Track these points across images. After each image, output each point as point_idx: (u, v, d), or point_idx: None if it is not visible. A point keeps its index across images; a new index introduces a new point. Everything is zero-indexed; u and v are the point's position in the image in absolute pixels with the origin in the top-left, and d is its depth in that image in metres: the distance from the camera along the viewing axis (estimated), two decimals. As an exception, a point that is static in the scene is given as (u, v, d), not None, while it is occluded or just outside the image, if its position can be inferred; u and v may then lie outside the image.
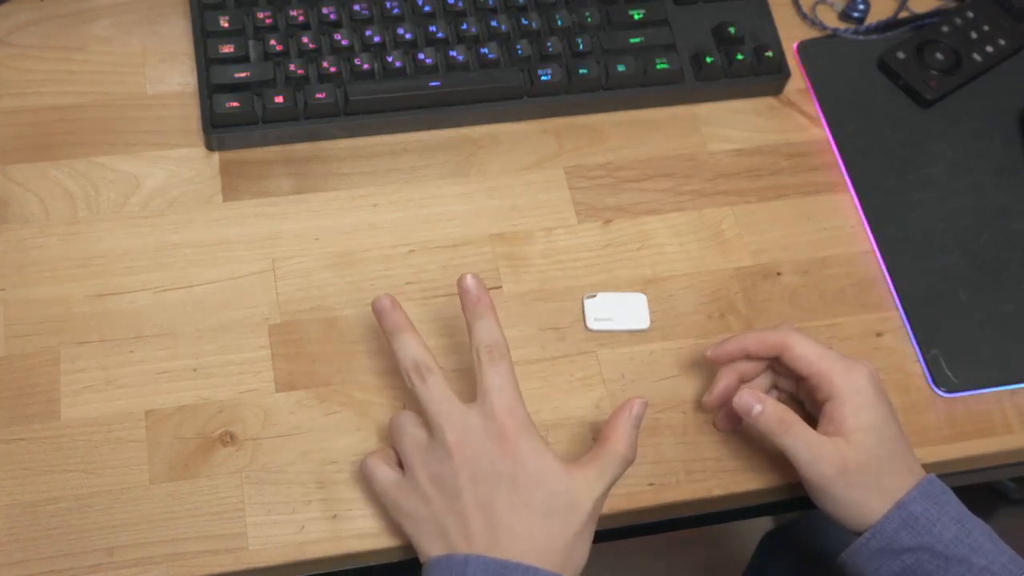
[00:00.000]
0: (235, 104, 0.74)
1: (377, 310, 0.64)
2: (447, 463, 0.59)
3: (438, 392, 0.61)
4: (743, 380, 0.68)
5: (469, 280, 0.63)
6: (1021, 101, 0.84)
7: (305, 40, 0.77)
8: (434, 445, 0.60)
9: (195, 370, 0.68)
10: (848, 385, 0.63)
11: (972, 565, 0.60)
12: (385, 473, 0.62)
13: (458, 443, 0.60)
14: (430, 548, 0.60)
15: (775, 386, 0.70)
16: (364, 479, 0.63)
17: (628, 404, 0.63)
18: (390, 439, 0.64)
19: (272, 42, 0.76)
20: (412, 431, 0.62)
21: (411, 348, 0.63)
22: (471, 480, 0.59)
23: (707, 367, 0.71)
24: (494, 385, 0.61)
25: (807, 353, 0.64)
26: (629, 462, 0.62)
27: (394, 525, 0.64)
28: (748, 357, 0.67)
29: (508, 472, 0.59)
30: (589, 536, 0.61)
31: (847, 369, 0.63)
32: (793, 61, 0.84)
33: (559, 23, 0.80)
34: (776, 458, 0.68)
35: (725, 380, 0.67)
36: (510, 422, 0.60)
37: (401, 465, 0.63)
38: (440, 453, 0.60)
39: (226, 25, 0.76)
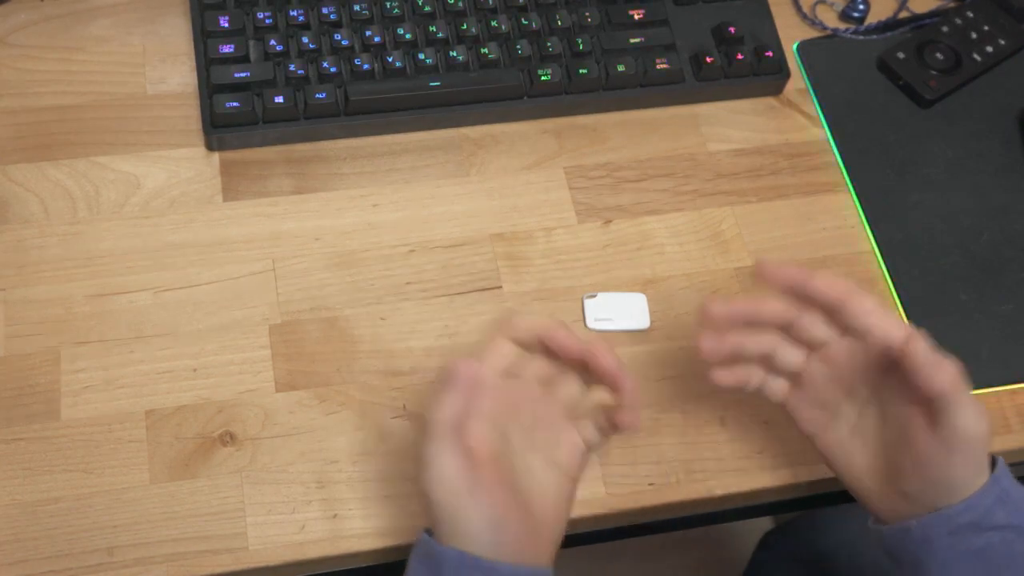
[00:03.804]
0: (235, 104, 0.74)
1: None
2: None
3: None
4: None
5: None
6: (1021, 101, 0.84)
7: (305, 40, 0.77)
8: None
9: (195, 370, 0.68)
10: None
11: None
12: None
13: None
14: None
15: (772, 354, 0.63)
16: None
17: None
18: None
19: (272, 42, 0.76)
20: None
21: None
22: None
23: (707, 367, 0.71)
24: None
25: (894, 327, 0.59)
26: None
27: (394, 525, 0.64)
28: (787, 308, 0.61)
29: None
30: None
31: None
32: (793, 61, 0.84)
33: (559, 23, 0.80)
34: (776, 458, 0.68)
35: (740, 337, 0.63)
36: None
37: None
38: None
39: (226, 25, 0.76)
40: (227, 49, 0.76)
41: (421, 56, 0.77)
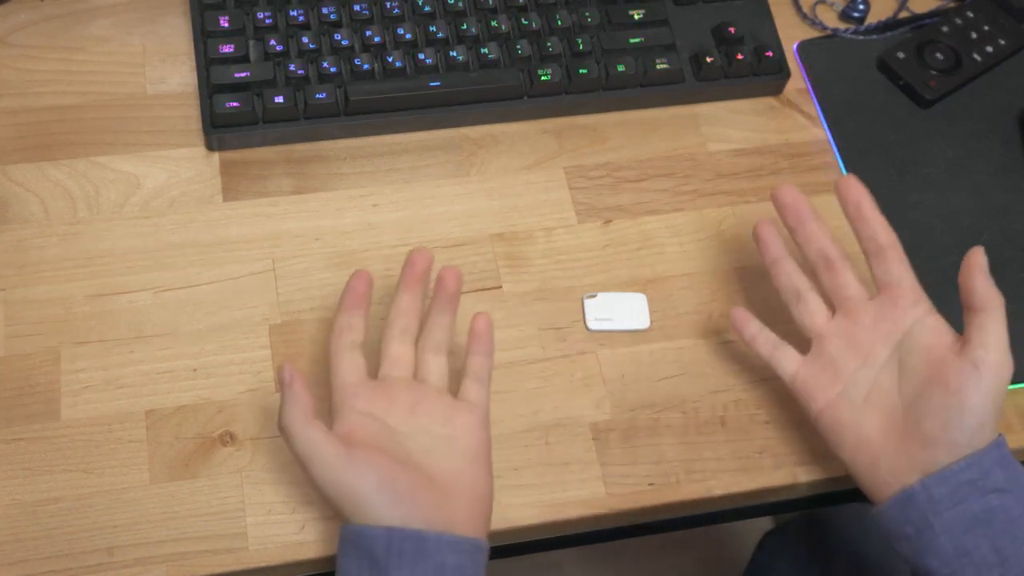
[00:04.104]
0: (235, 104, 0.74)
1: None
2: None
3: None
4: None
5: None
6: (1021, 101, 0.84)
7: (305, 40, 0.77)
8: None
9: (195, 370, 0.68)
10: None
11: None
12: None
13: None
14: None
15: (800, 296, 0.67)
16: None
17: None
18: None
19: (272, 42, 0.76)
20: None
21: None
22: None
23: (707, 367, 0.71)
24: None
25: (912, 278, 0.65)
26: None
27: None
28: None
29: None
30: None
31: None
32: (793, 61, 0.84)
33: (559, 23, 0.80)
34: (776, 458, 0.68)
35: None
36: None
37: None
38: None
39: (226, 25, 0.76)
40: (227, 49, 0.76)
41: (421, 56, 0.77)
